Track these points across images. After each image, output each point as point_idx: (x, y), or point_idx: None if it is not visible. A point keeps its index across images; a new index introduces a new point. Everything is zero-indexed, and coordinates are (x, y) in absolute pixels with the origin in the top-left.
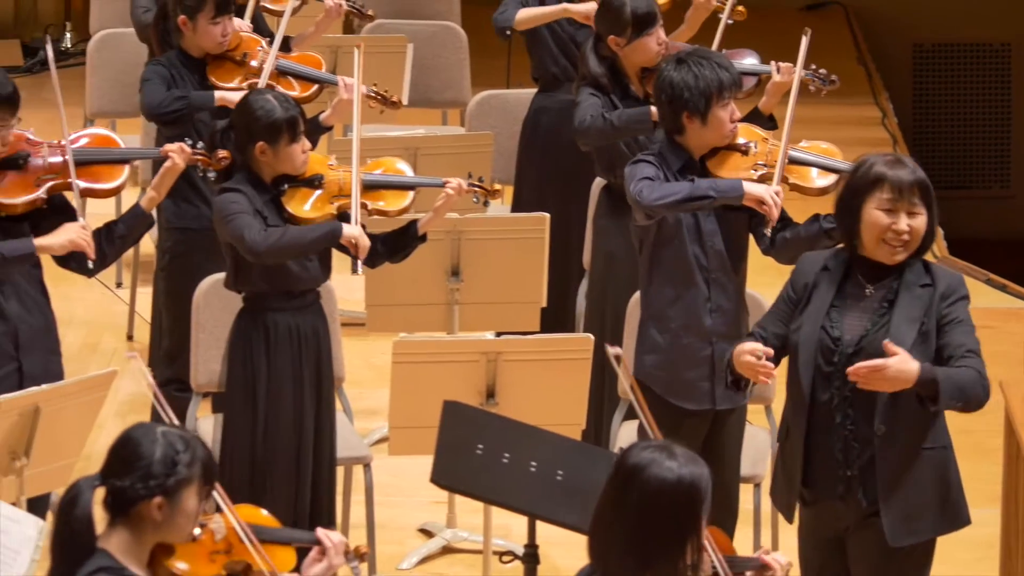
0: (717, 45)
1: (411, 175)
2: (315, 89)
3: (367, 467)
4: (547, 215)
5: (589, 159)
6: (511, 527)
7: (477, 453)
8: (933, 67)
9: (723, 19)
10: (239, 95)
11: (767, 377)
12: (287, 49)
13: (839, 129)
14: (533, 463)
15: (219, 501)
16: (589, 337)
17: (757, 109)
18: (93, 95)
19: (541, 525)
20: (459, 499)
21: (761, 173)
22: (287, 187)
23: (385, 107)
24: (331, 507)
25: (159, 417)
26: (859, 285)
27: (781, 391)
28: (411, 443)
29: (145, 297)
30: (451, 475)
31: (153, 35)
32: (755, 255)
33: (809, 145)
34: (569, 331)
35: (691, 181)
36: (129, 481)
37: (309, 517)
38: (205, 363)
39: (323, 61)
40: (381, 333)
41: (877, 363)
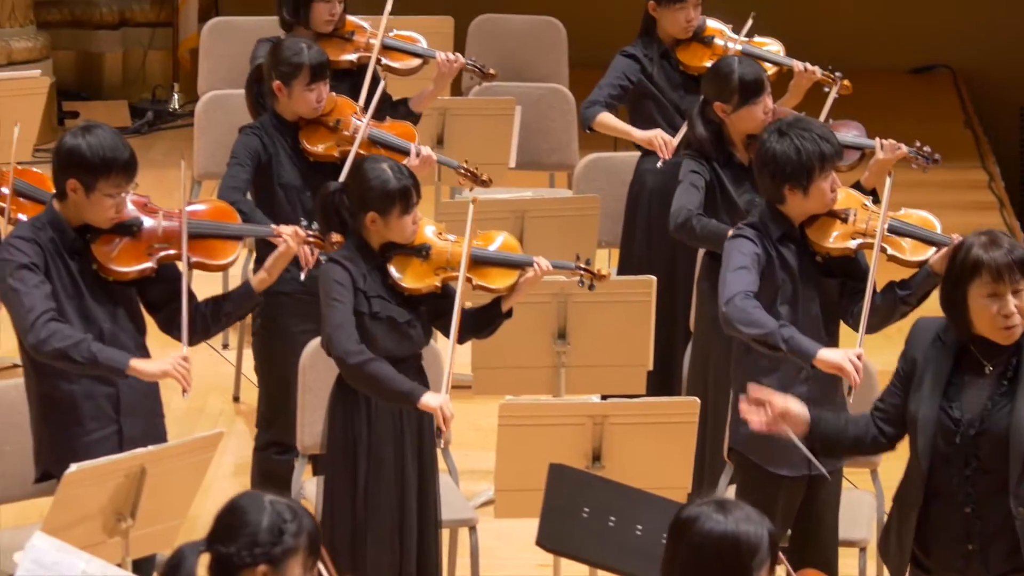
0: (826, 114)
1: (519, 254)
2: (405, 161)
3: (473, 529)
4: (654, 278)
5: None
6: None
7: (583, 516)
8: None
9: (831, 94)
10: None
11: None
12: (405, 107)
13: (946, 193)
14: (639, 527)
15: (323, 572)
16: (695, 401)
17: (860, 183)
18: (200, 156)
19: None
20: (564, 562)
21: (859, 243)
22: (394, 254)
23: (483, 79)
24: (437, 570)
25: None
26: (976, 362)
27: (888, 457)
28: (517, 506)
29: (252, 359)
30: (557, 538)
31: (247, 98)
32: None
33: (906, 214)
34: (675, 394)
35: (780, 324)
36: (235, 548)
37: None
38: (311, 425)
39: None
40: (487, 395)
41: None
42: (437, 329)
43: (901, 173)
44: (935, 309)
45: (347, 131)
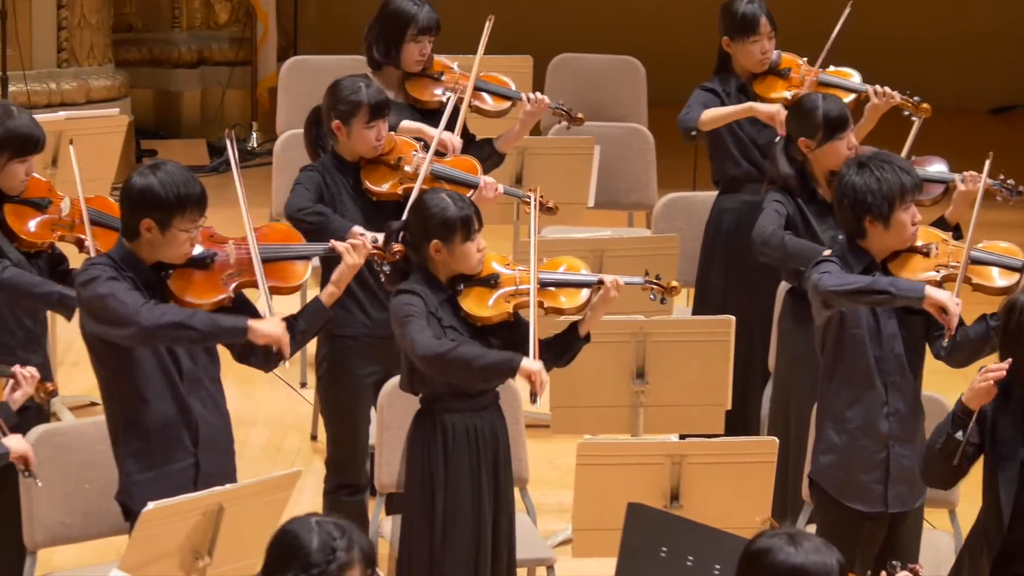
0: (908, 149)
1: (585, 272)
2: (469, 194)
3: (550, 569)
4: (732, 318)
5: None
6: None
7: (661, 556)
8: None
9: (915, 125)
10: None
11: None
12: (490, 147)
13: None
14: (717, 566)
15: None
16: (774, 440)
17: (943, 218)
18: (279, 195)
19: None
20: None
21: (944, 275)
22: (463, 287)
23: (571, 123)
24: None
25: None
26: None
27: (966, 495)
28: (595, 545)
29: None
30: None
31: (305, 140)
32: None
33: (988, 245)
34: (750, 433)
35: (872, 276)
36: (291, 573)
37: None
38: (389, 464)
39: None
40: (566, 434)
41: None
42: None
43: (982, 213)
44: None
45: (409, 168)
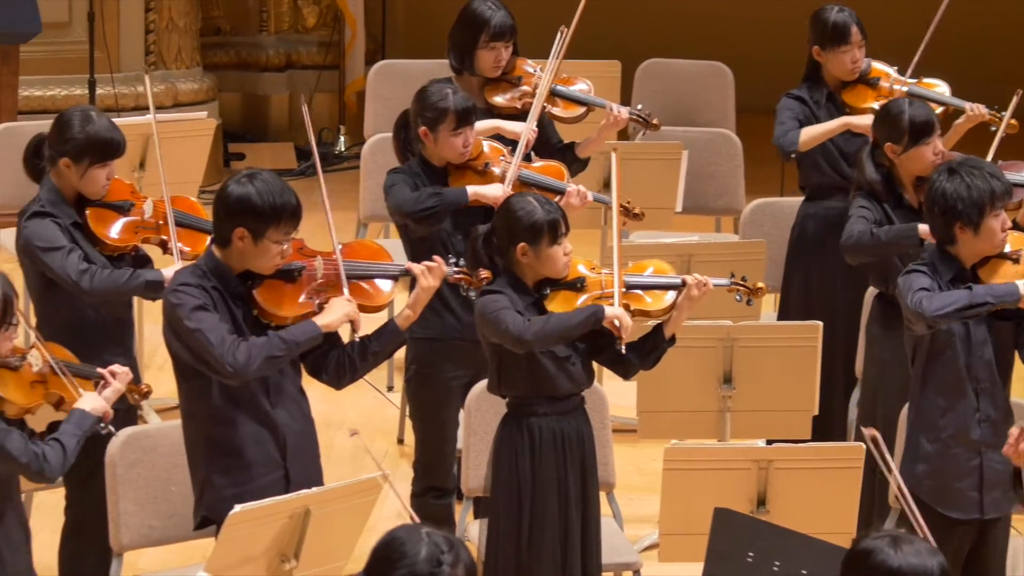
0: (991, 157)
1: (672, 275)
2: (557, 200)
3: (636, 573)
4: (820, 324)
5: (854, 267)
6: None
7: (747, 561)
8: None
9: (998, 133)
10: (492, 189)
11: None
12: (571, 152)
13: None
14: (804, 572)
15: None
16: (861, 446)
17: (1015, 223)
18: (366, 199)
19: None
20: None
21: None
22: (549, 290)
23: (647, 129)
24: None
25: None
26: None
27: None
28: (682, 550)
29: None
30: None
31: (395, 143)
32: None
33: None
34: (836, 438)
35: (968, 288)
36: None
37: None
38: (476, 468)
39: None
40: (653, 439)
41: None
42: (602, 365)
43: None
44: None
45: (497, 171)
